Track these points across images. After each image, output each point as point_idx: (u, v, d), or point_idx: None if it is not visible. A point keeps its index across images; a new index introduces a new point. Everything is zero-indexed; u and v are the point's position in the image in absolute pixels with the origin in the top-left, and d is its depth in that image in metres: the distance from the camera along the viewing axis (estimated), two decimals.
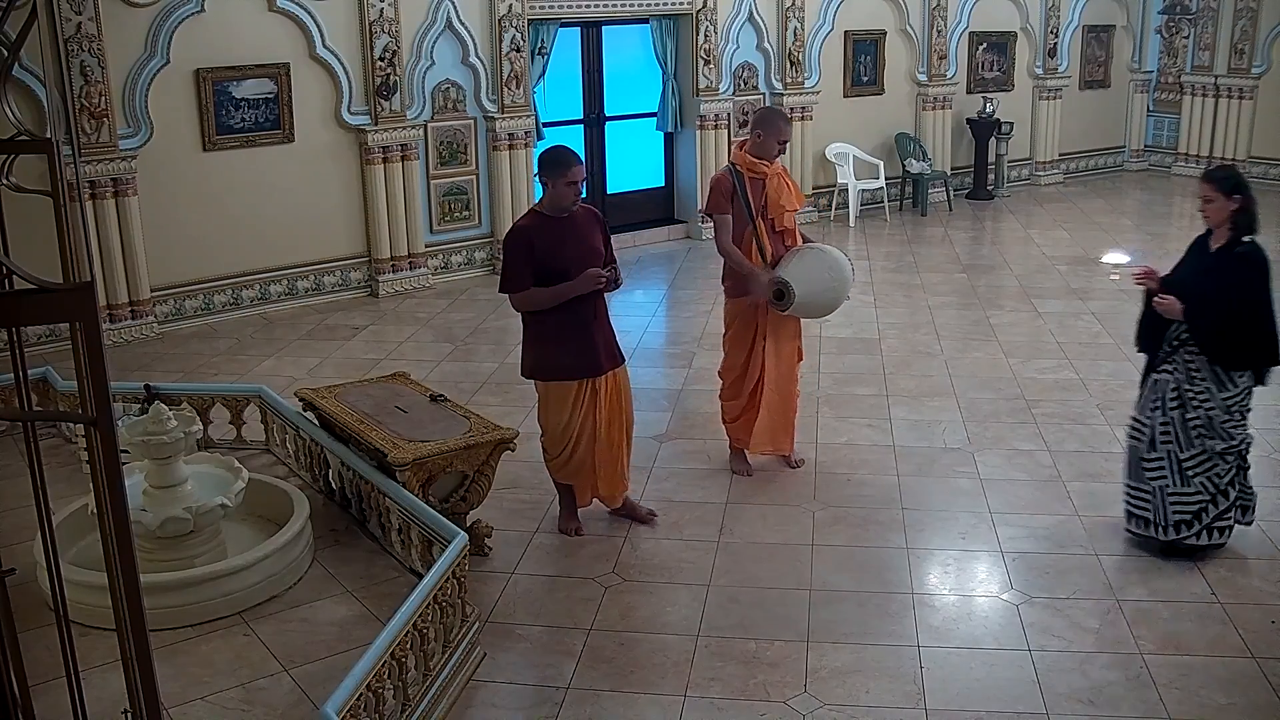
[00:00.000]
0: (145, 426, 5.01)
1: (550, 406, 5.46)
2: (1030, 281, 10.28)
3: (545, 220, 5.27)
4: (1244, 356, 4.99)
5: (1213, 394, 5.04)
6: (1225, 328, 4.93)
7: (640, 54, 12.00)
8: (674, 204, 12.50)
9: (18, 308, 1.93)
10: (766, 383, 6.09)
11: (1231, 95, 14.65)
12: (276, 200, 9.65)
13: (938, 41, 13.55)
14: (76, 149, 8.30)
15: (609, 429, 5.48)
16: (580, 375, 5.36)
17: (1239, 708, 4.23)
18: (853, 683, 4.38)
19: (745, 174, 5.88)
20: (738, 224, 5.88)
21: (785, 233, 5.95)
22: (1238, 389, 5.04)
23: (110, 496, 2.07)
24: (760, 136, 5.88)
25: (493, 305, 9.85)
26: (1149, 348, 5.28)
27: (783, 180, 5.95)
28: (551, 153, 5.26)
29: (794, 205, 5.97)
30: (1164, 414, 5.14)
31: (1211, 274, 4.99)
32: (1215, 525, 5.17)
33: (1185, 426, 5.09)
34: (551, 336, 5.32)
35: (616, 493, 5.65)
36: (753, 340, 6.06)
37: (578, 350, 5.33)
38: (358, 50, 9.81)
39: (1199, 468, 5.11)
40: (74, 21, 8.40)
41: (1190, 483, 5.11)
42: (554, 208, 5.25)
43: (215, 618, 4.79)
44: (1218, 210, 4.97)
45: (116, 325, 8.89)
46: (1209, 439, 5.07)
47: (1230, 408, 5.05)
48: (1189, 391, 5.07)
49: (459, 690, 4.33)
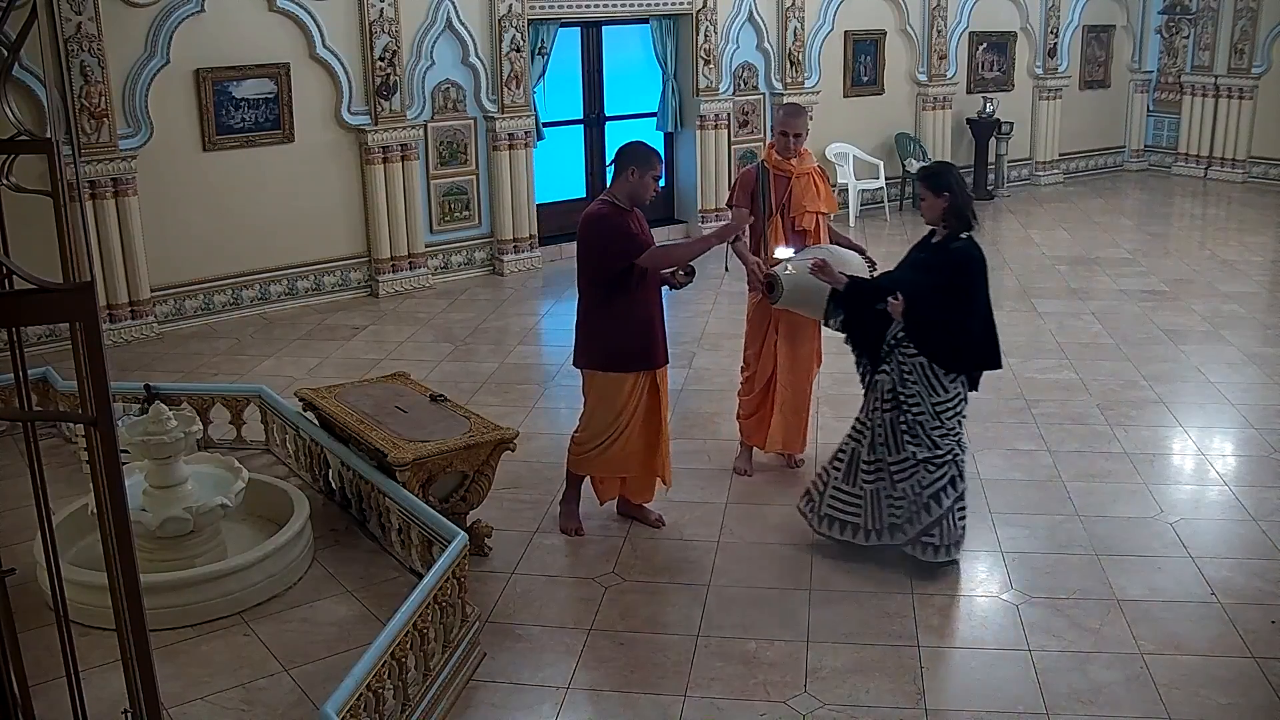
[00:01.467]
0: (145, 426, 5.01)
1: (604, 398, 5.44)
2: (1030, 281, 10.28)
3: (619, 211, 5.32)
4: (956, 356, 4.95)
5: (923, 398, 4.97)
6: (936, 322, 4.90)
7: (640, 54, 12.00)
8: (674, 204, 12.49)
9: (18, 308, 1.93)
10: (780, 382, 6.10)
11: (1231, 95, 14.65)
12: (276, 200, 9.65)
13: (938, 41, 13.55)
14: (76, 149, 8.31)
15: (660, 423, 5.53)
16: (647, 366, 5.41)
17: (1239, 708, 4.23)
18: (853, 683, 4.38)
19: (771, 171, 5.97)
20: (756, 219, 5.97)
21: (805, 234, 5.99)
22: (948, 395, 4.97)
23: (110, 496, 2.07)
24: (774, 134, 6.06)
25: (493, 305, 9.85)
26: (862, 344, 5.21)
27: (813, 182, 6.01)
28: (642, 146, 5.35)
29: (818, 207, 6.00)
30: (880, 415, 5.08)
31: (926, 269, 5.02)
32: (923, 540, 5.08)
33: (894, 430, 5.04)
34: (621, 326, 5.35)
35: (651, 490, 5.69)
36: (765, 334, 6.10)
37: (647, 340, 5.39)
38: (358, 50, 9.81)
39: (903, 474, 5.04)
40: (74, 21, 8.40)
41: (896, 488, 5.07)
42: (631, 199, 5.31)
43: (215, 618, 4.79)
44: (929, 208, 5.04)
45: (116, 325, 8.88)
46: (913, 445, 5.00)
47: (940, 413, 4.98)
48: (902, 394, 5.01)
49: (459, 690, 4.33)
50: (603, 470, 5.57)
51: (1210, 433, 6.86)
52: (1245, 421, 6.97)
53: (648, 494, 5.70)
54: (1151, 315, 9.15)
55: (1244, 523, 5.66)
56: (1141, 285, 10.12)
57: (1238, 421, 6.99)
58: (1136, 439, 6.70)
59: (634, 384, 5.41)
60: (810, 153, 6.16)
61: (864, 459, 5.14)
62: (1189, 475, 6.31)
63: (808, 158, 6.05)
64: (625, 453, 5.47)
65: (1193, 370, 7.86)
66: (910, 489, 5.05)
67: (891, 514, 5.11)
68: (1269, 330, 8.86)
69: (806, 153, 6.06)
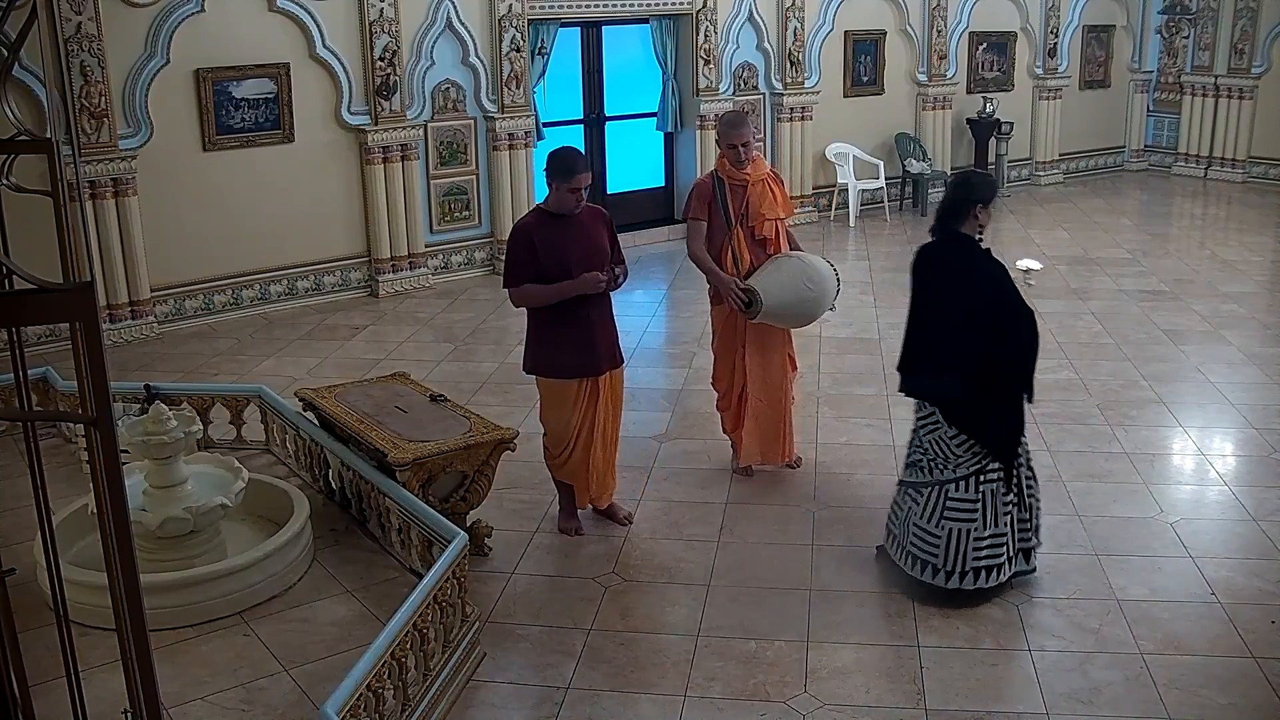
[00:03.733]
0: (145, 426, 5.01)
1: (550, 404, 5.47)
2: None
3: (549, 218, 5.28)
4: None
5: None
6: None
7: (640, 54, 12.00)
8: (674, 204, 12.48)
9: (18, 308, 1.93)
10: (751, 392, 6.01)
11: (1231, 95, 14.65)
12: (276, 200, 9.65)
13: (938, 41, 13.55)
14: (76, 149, 8.30)
15: (605, 429, 5.49)
16: (579, 374, 5.37)
17: (1239, 708, 4.22)
18: (853, 683, 4.38)
19: (726, 180, 5.81)
20: (716, 231, 5.83)
21: (766, 241, 5.85)
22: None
23: (110, 496, 2.07)
24: (722, 146, 5.84)
25: (493, 305, 9.85)
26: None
27: (768, 188, 5.85)
28: (560, 155, 5.24)
29: (776, 214, 5.85)
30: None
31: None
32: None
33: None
34: (553, 334, 5.33)
35: (608, 492, 5.66)
36: (735, 349, 6.00)
37: (578, 349, 5.33)
38: (358, 50, 9.81)
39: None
40: (74, 21, 8.40)
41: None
42: (558, 208, 5.26)
43: (215, 618, 4.79)
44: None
45: (116, 325, 8.88)
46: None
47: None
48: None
49: (459, 690, 4.33)
50: (573, 478, 5.56)
51: (1210, 433, 6.86)
52: (1245, 421, 6.97)
53: (602, 501, 5.68)
54: (1151, 315, 9.15)
55: (1244, 523, 5.66)
56: (1141, 285, 10.12)
57: (1238, 421, 6.99)
58: (1136, 439, 6.70)
59: (577, 391, 5.39)
60: (763, 158, 6.02)
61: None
62: (1189, 475, 6.31)
63: (761, 164, 5.91)
64: (586, 459, 5.47)
65: (1193, 370, 7.86)
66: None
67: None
68: (1269, 330, 8.86)
69: (759, 159, 5.90)
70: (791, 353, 6.16)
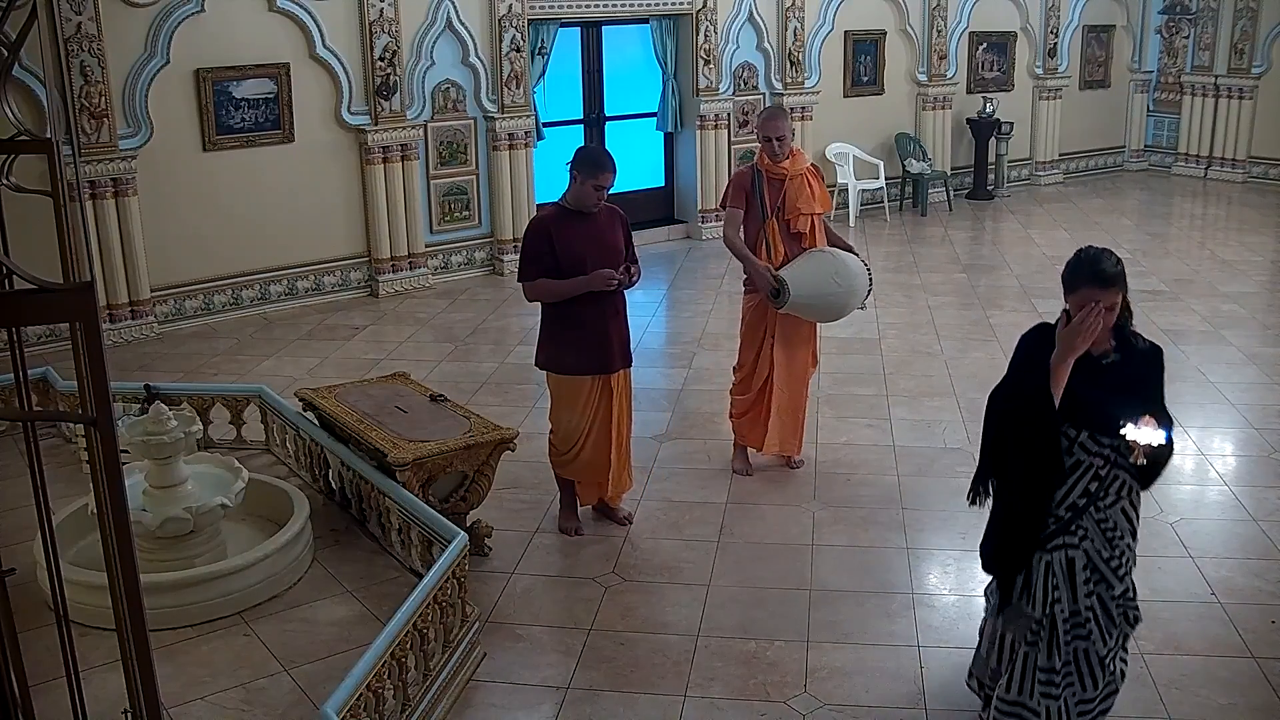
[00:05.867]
0: (145, 426, 5.01)
1: (562, 401, 5.47)
2: (1030, 281, 10.27)
3: (566, 214, 5.32)
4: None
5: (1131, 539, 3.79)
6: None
7: (640, 54, 11.99)
8: (674, 204, 12.50)
9: (18, 308, 1.93)
10: (776, 384, 6.08)
11: (1231, 95, 14.64)
12: (276, 200, 9.65)
13: (938, 41, 13.55)
14: (76, 149, 8.29)
15: (620, 427, 5.50)
16: (592, 371, 5.38)
17: (1239, 708, 4.22)
18: (853, 683, 4.38)
19: (765, 173, 5.89)
20: (752, 222, 5.92)
21: (801, 236, 5.92)
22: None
23: (110, 496, 2.07)
24: (759, 140, 5.97)
25: (493, 305, 9.85)
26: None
27: (806, 182, 5.91)
28: (589, 152, 5.33)
29: (812, 209, 5.91)
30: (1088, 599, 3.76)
31: (1137, 382, 3.72)
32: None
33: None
34: (567, 331, 5.35)
35: (624, 490, 5.67)
36: (762, 338, 6.07)
37: (592, 346, 5.36)
38: (358, 50, 9.80)
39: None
40: (74, 21, 8.40)
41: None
42: (576, 204, 5.29)
43: (215, 618, 4.79)
44: (1115, 310, 3.70)
45: (116, 325, 8.88)
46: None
47: None
48: (1111, 560, 3.75)
49: (459, 690, 4.33)
50: (579, 475, 5.57)
51: (1210, 433, 6.86)
52: (1245, 421, 6.97)
53: (618, 499, 5.71)
54: (1151, 315, 9.14)
55: (1244, 523, 5.66)
56: (1141, 285, 10.11)
57: (1238, 421, 6.99)
58: None
59: (589, 389, 5.40)
60: (803, 153, 6.08)
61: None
62: (1189, 475, 6.31)
63: (801, 158, 5.97)
64: (595, 459, 5.48)
65: (1193, 370, 7.86)
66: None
67: None
68: (1269, 330, 8.86)
69: (799, 153, 5.98)
70: (815, 348, 6.24)
